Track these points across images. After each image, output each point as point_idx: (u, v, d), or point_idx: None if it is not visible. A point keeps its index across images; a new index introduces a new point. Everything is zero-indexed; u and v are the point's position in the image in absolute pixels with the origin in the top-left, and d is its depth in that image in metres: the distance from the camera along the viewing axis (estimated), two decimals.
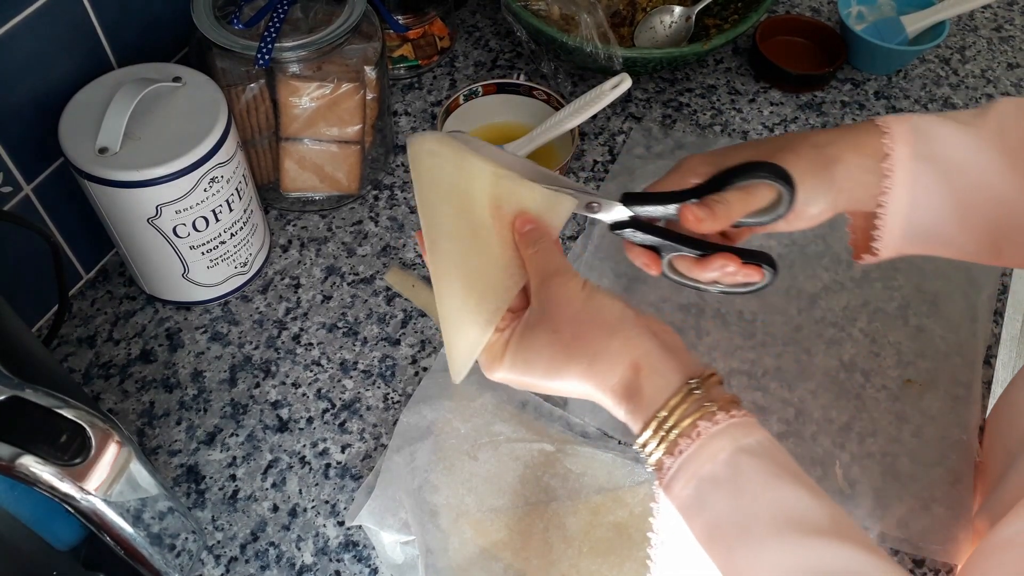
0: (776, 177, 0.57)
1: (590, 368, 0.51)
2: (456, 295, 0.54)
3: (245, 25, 0.78)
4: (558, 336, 0.51)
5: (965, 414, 0.75)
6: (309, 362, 0.79)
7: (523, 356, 0.52)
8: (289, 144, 0.84)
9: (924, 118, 0.59)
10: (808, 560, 0.44)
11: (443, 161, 0.55)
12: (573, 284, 0.52)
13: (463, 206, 0.55)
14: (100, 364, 0.78)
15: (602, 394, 0.51)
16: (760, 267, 0.58)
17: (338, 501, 0.71)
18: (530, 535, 0.67)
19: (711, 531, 0.47)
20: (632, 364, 0.50)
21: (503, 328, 0.54)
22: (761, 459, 0.47)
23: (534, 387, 0.54)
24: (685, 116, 0.99)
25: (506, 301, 0.55)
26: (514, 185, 0.56)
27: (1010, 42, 1.09)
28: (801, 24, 1.06)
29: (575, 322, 0.51)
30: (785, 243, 0.87)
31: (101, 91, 0.71)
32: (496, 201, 0.56)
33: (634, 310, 0.52)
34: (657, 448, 0.49)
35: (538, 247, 0.55)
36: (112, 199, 0.69)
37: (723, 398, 0.49)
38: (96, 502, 0.45)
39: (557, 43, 0.93)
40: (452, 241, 0.55)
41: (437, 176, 0.55)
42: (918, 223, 0.59)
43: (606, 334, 0.51)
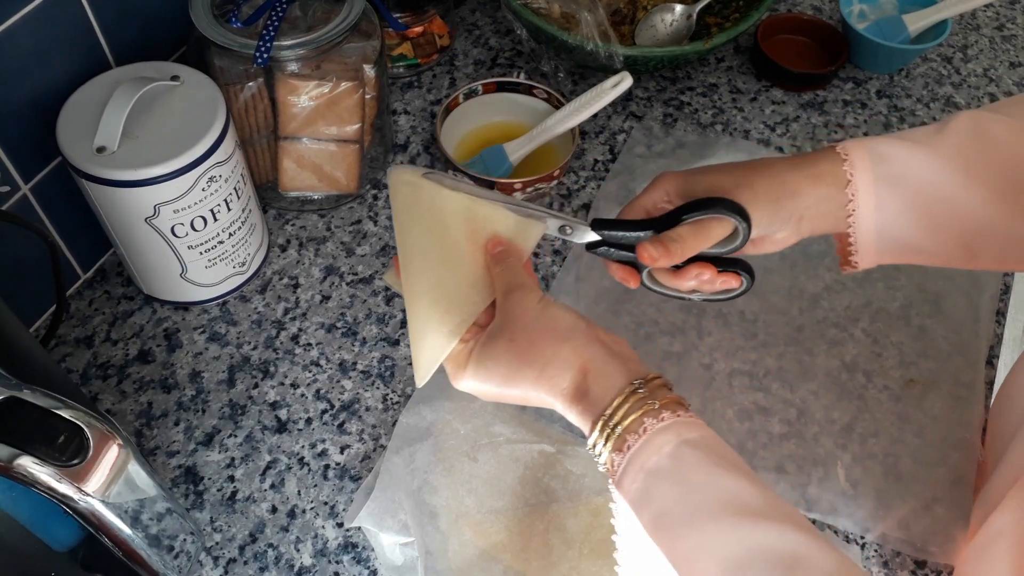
0: (731, 212, 0.59)
1: (542, 373, 0.53)
2: (424, 306, 0.58)
3: (243, 24, 0.77)
4: (515, 343, 0.54)
5: (967, 414, 0.75)
6: (308, 363, 0.78)
7: (484, 364, 0.55)
8: (288, 143, 0.83)
9: (881, 141, 0.62)
10: (747, 541, 0.46)
11: (421, 191, 0.60)
12: (531, 297, 0.56)
13: (438, 230, 0.60)
14: (98, 364, 0.78)
15: (554, 399, 0.54)
16: (737, 273, 0.63)
17: (337, 502, 0.70)
18: (530, 537, 0.67)
19: (658, 521, 0.49)
20: (581, 368, 0.53)
21: (468, 340, 0.57)
22: (704, 451, 0.49)
23: (495, 396, 0.56)
24: (686, 115, 0.99)
25: (472, 315, 0.58)
26: (488, 211, 0.60)
27: (1012, 41, 1.08)
28: (803, 23, 1.06)
29: (530, 331, 0.54)
30: None
31: (99, 90, 0.70)
32: (471, 226, 0.60)
33: (586, 321, 0.55)
34: (606, 447, 0.51)
35: (506, 265, 0.58)
36: (110, 198, 0.69)
37: (667, 398, 0.51)
38: (94, 503, 0.45)
39: (557, 41, 0.93)
40: (425, 260, 0.59)
41: (415, 204, 0.60)
42: (889, 239, 0.62)
43: (557, 341, 0.54)
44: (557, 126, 0.87)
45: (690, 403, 0.75)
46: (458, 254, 0.59)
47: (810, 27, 1.05)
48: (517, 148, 0.89)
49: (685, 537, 0.48)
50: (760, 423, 0.74)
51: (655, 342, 0.79)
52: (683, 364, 0.78)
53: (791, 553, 0.46)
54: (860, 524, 0.69)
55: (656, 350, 0.79)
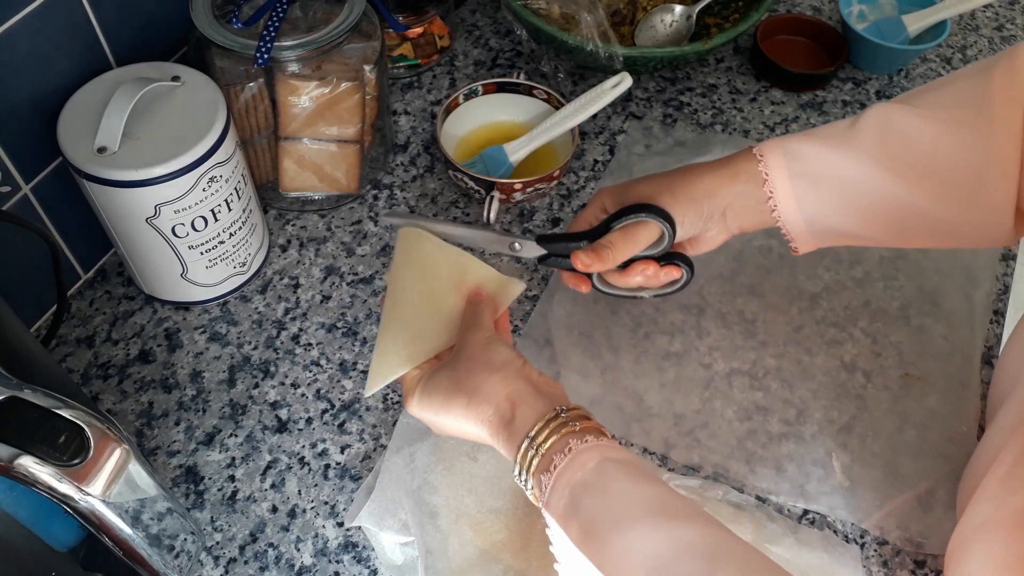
0: (654, 216, 0.67)
1: (471, 401, 0.57)
2: (393, 330, 0.64)
3: (244, 24, 0.77)
4: (454, 372, 0.59)
5: (964, 410, 0.75)
6: (308, 362, 0.78)
7: (426, 390, 0.60)
8: (288, 143, 0.83)
9: (795, 139, 0.67)
10: (671, 539, 0.49)
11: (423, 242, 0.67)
12: (481, 333, 0.60)
13: (430, 276, 0.66)
14: (99, 364, 0.78)
15: (480, 426, 0.57)
16: (677, 265, 0.69)
17: (337, 502, 0.70)
18: (530, 536, 0.67)
19: (586, 531, 0.51)
20: (508, 397, 0.56)
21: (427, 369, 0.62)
22: (626, 465, 0.52)
23: (437, 424, 0.60)
24: (686, 115, 0.99)
25: (435, 348, 0.64)
26: (477, 267, 0.67)
27: (1011, 41, 1.08)
28: (802, 23, 1.06)
29: (470, 361, 0.59)
30: (785, 243, 0.86)
31: (100, 90, 0.70)
32: (460, 276, 0.66)
33: (523, 359, 0.59)
34: (530, 471, 0.54)
35: (479, 311, 0.63)
36: (111, 199, 0.69)
37: (589, 424, 0.54)
38: (95, 503, 0.45)
39: (557, 42, 0.93)
40: (408, 295, 0.65)
41: (414, 252, 0.67)
42: (820, 228, 0.68)
43: (489, 371, 0.57)
44: (557, 126, 0.87)
45: (690, 403, 0.76)
46: (441, 297, 0.65)
47: (809, 28, 1.06)
48: (517, 148, 0.89)
49: (611, 542, 0.50)
50: (759, 422, 0.74)
51: (654, 342, 0.79)
52: (682, 364, 0.78)
53: (711, 546, 0.48)
54: (858, 522, 0.69)
55: (655, 350, 0.79)
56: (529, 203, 0.90)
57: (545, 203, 0.90)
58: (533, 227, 0.88)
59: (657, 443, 0.73)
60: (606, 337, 0.80)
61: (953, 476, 0.71)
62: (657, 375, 0.77)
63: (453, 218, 0.89)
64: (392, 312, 0.65)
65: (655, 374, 0.77)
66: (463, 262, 0.66)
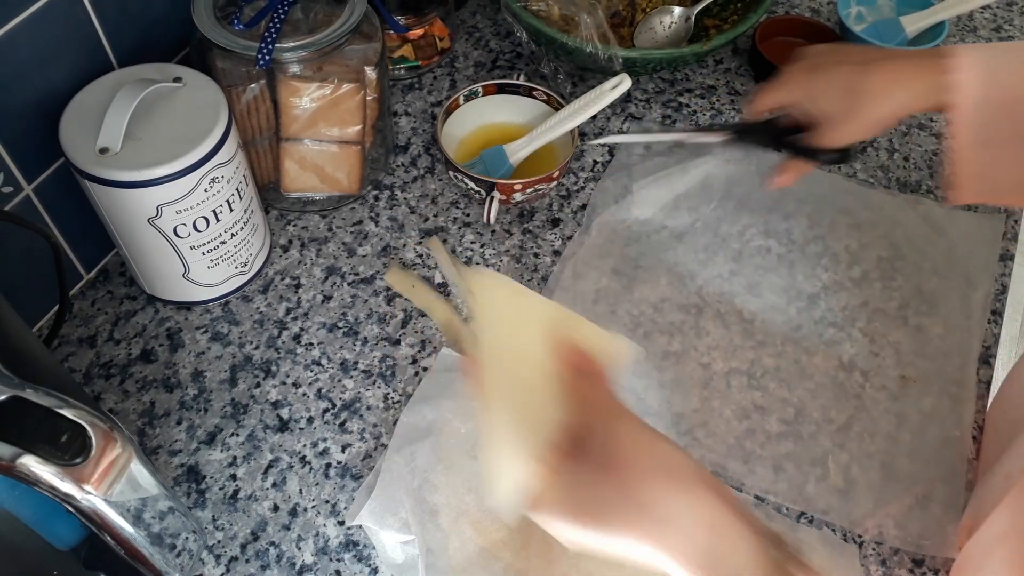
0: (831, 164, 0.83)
1: (653, 524, 0.46)
2: (503, 426, 0.52)
3: (246, 26, 0.78)
4: (618, 480, 0.47)
5: (960, 411, 0.75)
6: (309, 362, 0.79)
7: (577, 501, 0.48)
8: (289, 144, 0.84)
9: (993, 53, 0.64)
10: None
11: (504, 294, 0.57)
12: (633, 426, 0.49)
13: (519, 337, 0.55)
14: (101, 364, 0.78)
15: (667, 555, 0.45)
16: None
17: (338, 501, 0.71)
18: (530, 535, 0.67)
19: None
20: (705, 524, 0.45)
21: (548, 463, 0.50)
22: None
23: (582, 537, 0.48)
24: (685, 116, 0.99)
25: (550, 435, 0.51)
26: (571, 321, 0.55)
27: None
28: (800, 25, 1.06)
29: (635, 467, 0.47)
30: (784, 243, 0.87)
31: (102, 91, 0.71)
32: (551, 335, 0.54)
33: (697, 462, 0.48)
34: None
35: (592, 383, 0.52)
36: (113, 199, 0.70)
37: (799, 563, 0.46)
38: (96, 502, 0.45)
39: (557, 44, 0.93)
40: (504, 371, 0.54)
41: (498, 303, 0.56)
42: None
43: (668, 485, 0.46)
44: (557, 127, 0.88)
45: (688, 402, 0.76)
46: (538, 362, 0.54)
47: (808, 29, 1.06)
48: (517, 149, 0.89)
49: None
50: (758, 422, 0.75)
51: (653, 341, 0.79)
52: (681, 363, 0.78)
53: None
54: (856, 522, 0.69)
55: (655, 349, 0.79)
56: (529, 204, 0.90)
57: (545, 204, 0.91)
58: (533, 227, 0.88)
59: None
60: None
61: (949, 478, 0.71)
62: (656, 375, 0.77)
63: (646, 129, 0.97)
64: (493, 394, 0.53)
65: (654, 373, 0.78)
66: (554, 315, 0.56)
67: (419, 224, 0.89)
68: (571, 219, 0.89)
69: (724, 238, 0.87)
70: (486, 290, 0.57)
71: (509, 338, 0.55)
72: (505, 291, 0.57)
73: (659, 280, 0.84)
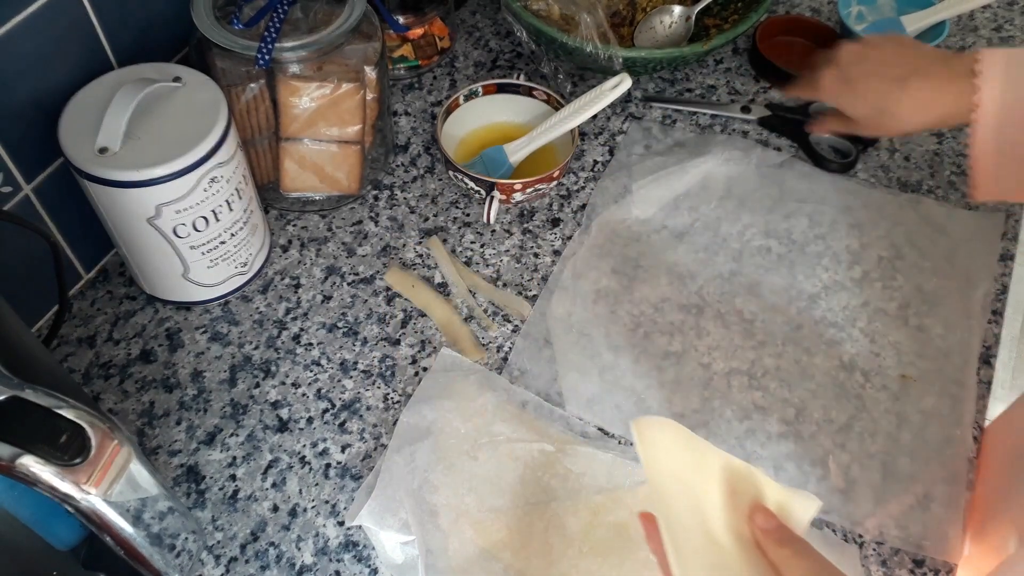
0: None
1: None
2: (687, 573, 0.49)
3: (245, 25, 0.78)
4: None
5: (960, 411, 0.75)
6: (309, 362, 0.79)
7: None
8: (289, 144, 0.84)
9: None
10: None
11: (673, 443, 0.53)
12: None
13: (698, 494, 0.52)
14: (100, 364, 0.78)
15: None
16: None
17: (338, 501, 0.71)
18: (530, 535, 0.67)
19: None
20: None
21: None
22: None
23: None
24: (685, 116, 0.99)
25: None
26: (751, 476, 0.52)
27: (1010, 42, 1.09)
28: (801, 24, 1.06)
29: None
30: (784, 243, 0.87)
31: (101, 91, 0.71)
32: (731, 490, 0.52)
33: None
34: None
35: (794, 549, 0.49)
36: (112, 199, 0.70)
37: None
38: (96, 502, 0.45)
39: (557, 43, 0.93)
40: (689, 532, 0.51)
41: (668, 459, 0.53)
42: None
43: None
44: (557, 127, 0.87)
45: (689, 402, 0.76)
46: (727, 526, 0.51)
47: (808, 29, 1.06)
48: (517, 149, 0.89)
49: None
50: (758, 422, 0.75)
51: (654, 341, 0.79)
52: (682, 364, 0.78)
53: None
54: (857, 522, 0.69)
55: (655, 350, 0.79)
56: (529, 203, 0.90)
57: (545, 203, 0.91)
58: (533, 227, 0.88)
59: None
60: (605, 337, 0.80)
61: (950, 478, 0.71)
62: (656, 375, 0.77)
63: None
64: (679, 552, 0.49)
65: (654, 374, 0.77)
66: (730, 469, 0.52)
67: (419, 224, 0.89)
68: (571, 219, 0.89)
69: (724, 238, 0.87)
70: (654, 440, 0.53)
71: (687, 495, 0.52)
72: (674, 440, 0.53)
73: (659, 280, 0.84)
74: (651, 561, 0.65)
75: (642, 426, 0.53)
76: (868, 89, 0.75)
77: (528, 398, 0.75)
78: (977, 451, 0.73)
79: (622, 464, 0.71)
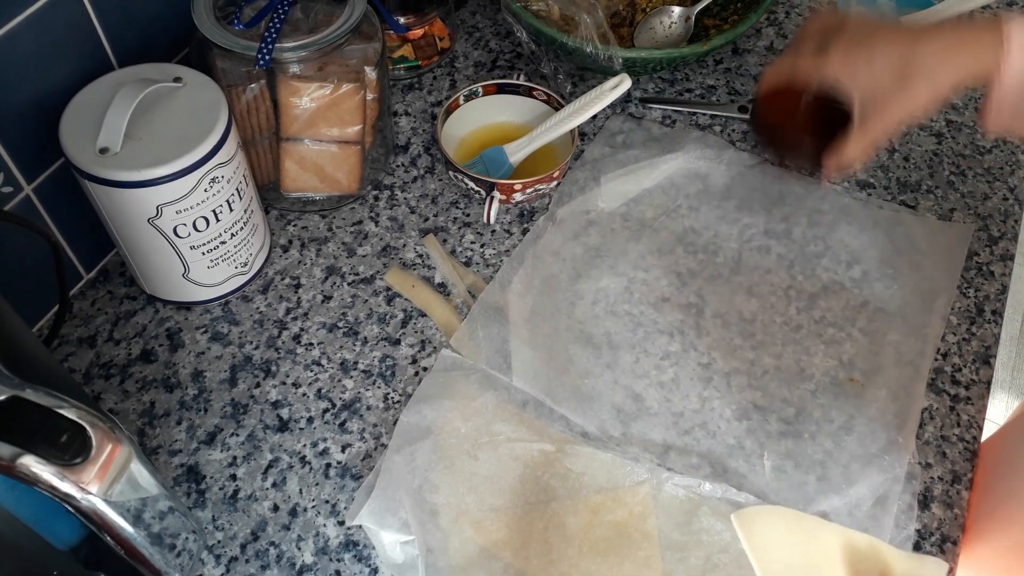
0: None
1: None
2: None
3: (246, 26, 0.78)
4: None
5: (960, 412, 0.75)
6: (309, 362, 0.79)
7: None
8: (289, 144, 0.84)
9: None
10: None
11: (782, 531, 0.50)
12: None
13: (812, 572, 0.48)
14: (100, 364, 0.78)
15: None
16: None
17: (338, 501, 0.71)
18: (530, 534, 0.67)
19: None
20: None
21: None
22: None
23: None
24: (685, 116, 0.99)
25: None
26: (873, 550, 0.50)
27: None
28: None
29: None
30: (784, 242, 0.87)
31: (102, 91, 0.71)
32: (854, 570, 0.50)
33: None
34: None
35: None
36: (112, 199, 0.70)
37: None
38: (96, 502, 0.45)
39: (557, 44, 0.93)
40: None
41: (778, 549, 0.50)
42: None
43: None
44: (557, 127, 0.88)
45: (689, 402, 0.76)
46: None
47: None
48: (517, 149, 0.89)
49: None
50: (758, 422, 0.75)
51: (654, 342, 0.79)
52: (682, 364, 0.78)
53: None
54: (857, 521, 0.69)
55: (655, 350, 0.79)
56: (529, 204, 0.90)
57: (545, 203, 0.91)
58: (533, 227, 0.88)
59: (656, 442, 0.73)
60: (605, 336, 0.80)
61: (951, 477, 0.71)
62: (656, 374, 0.77)
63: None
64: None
65: (654, 373, 0.78)
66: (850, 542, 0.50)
67: (419, 224, 0.89)
68: (575, 216, 0.89)
69: (724, 238, 0.87)
70: (759, 531, 0.50)
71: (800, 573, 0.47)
72: (782, 526, 0.50)
73: (659, 281, 0.84)
74: (651, 560, 0.65)
75: (744, 519, 0.50)
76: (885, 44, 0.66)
77: (528, 398, 0.75)
78: (973, 466, 0.73)
79: (622, 464, 0.71)
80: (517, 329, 0.79)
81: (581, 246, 0.86)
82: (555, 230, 0.87)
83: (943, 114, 1.00)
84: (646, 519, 0.68)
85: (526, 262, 0.84)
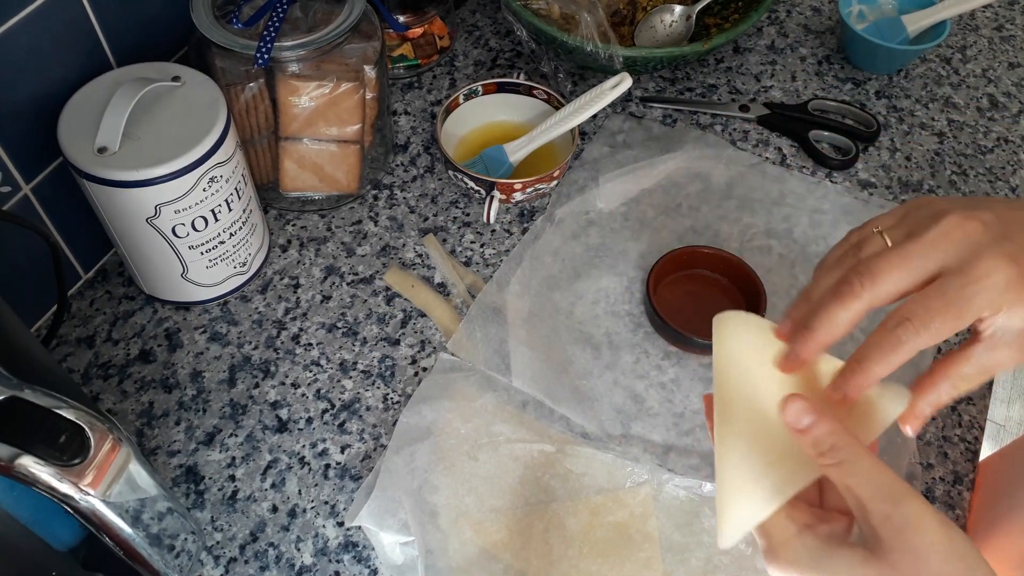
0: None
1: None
2: (738, 453, 0.48)
3: (244, 24, 0.78)
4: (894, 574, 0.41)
5: (960, 412, 0.75)
6: (308, 362, 0.78)
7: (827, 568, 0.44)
8: (288, 144, 0.84)
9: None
10: None
11: (749, 334, 0.51)
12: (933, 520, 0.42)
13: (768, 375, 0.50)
14: (99, 364, 0.78)
15: None
16: None
17: (337, 502, 0.70)
18: (530, 535, 0.67)
19: None
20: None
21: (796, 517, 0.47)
22: None
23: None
24: (686, 115, 0.99)
25: (798, 484, 0.47)
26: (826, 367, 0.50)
27: (1011, 41, 1.09)
28: (698, 258, 0.83)
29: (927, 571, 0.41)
30: (785, 243, 0.86)
31: (100, 91, 0.71)
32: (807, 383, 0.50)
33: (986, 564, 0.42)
34: None
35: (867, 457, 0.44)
36: (111, 199, 0.69)
37: None
38: (95, 502, 0.45)
39: (557, 42, 0.93)
40: (744, 403, 0.49)
41: (738, 346, 0.51)
42: None
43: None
44: (557, 127, 0.87)
45: (689, 402, 0.76)
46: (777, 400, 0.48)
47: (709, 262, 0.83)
48: (517, 148, 0.89)
49: None
50: None
51: (654, 342, 0.79)
52: (682, 364, 0.78)
53: None
54: None
55: (655, 350, 0.79)
56: (529, 203, 0.90)
57: (545, 203, 0.90)
58: (531, 228, 0.88)
59: (657, 443, 0.73)
60: (606, 336, 0.80)
61: (952, 478, 0.71)
62: (656, 375, 0.77)
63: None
64: (729, 426, 0.49)
65: (654, 374, 0.77)
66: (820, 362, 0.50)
67: (419, 224, 0.89)
68: (578, 213, 0.89)
69: (725, 238, 0.87)
70: (729, 327, 0.52)
71: (751, 372, 0.50)
72: (752, 330, 0.51)
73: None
74: (651, 561, 0.65)
75: (722, 319, 0.52)
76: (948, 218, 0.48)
77: (528, 399, 0.75)
78: (974, 467, 0.73)
79: (622, 464, 0.71)
80: (515, 330, 0.79)
81: (581, 246, 0.86)
82: (554, 230, 0.87)
83: (944, 113, 1.00)
84: (647, 520, 0.68)
85: (524, 263, 0.84)
